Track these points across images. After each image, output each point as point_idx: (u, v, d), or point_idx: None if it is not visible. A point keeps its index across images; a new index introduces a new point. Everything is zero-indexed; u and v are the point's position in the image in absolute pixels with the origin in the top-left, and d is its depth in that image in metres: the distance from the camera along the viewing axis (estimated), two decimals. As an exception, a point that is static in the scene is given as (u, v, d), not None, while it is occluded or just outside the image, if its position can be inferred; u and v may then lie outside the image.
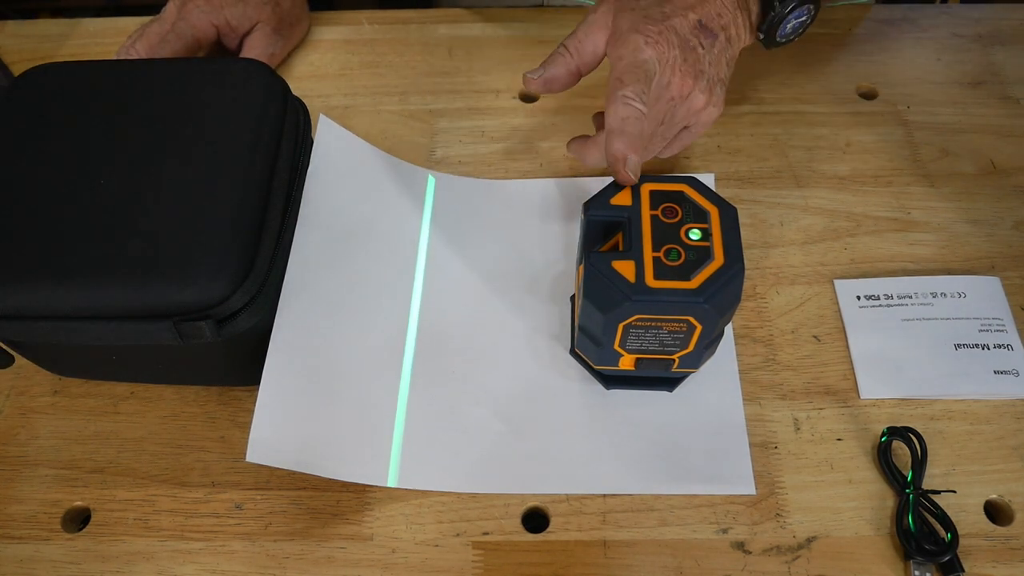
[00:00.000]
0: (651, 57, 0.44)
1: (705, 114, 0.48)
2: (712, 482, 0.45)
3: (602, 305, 0.40)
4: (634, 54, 0.44)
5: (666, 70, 0.45)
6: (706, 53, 0.46)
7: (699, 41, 0.46)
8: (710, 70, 0.46)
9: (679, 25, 0.45)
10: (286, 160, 0.47)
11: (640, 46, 0.44)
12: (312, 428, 0.43)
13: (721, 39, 0.47)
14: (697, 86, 0.46)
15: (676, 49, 0.45)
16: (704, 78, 0.46)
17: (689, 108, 0.47)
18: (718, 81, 0.47)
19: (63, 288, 0.40)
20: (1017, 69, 0.63)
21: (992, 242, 0.53)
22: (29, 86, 0.48)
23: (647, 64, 0.44)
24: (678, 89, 0.46)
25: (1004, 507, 0.44)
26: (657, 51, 0.44)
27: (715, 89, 0.47)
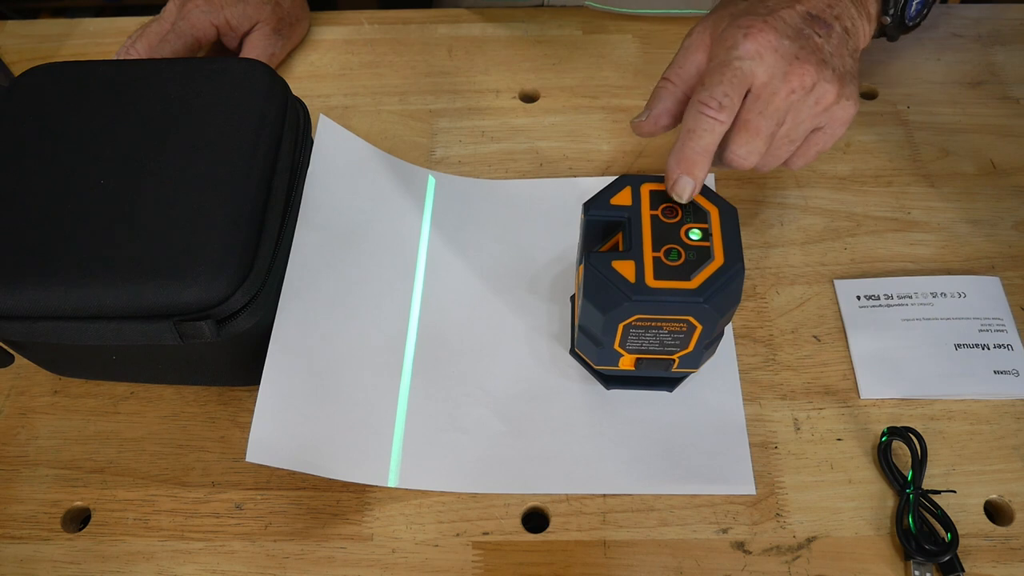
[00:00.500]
0: (750, 51, 0.40)
1: (839, 109, 0.42)
2: (712, 482, 0.45)
3: (602, 305, 0.40)
4: (728, 52, 0.40)
5: (779, 61, 0.40)
6: (824, 42, 0.41)
7: (814, 30, 0.41)
8: (834, 60, 0.42)
9: (787, 16, 0.41)
10: (286, 160, 0.47)
11: (737, 41, 0.40)
12: (312, 428, 0.43)
13: (837, 29, 0.42)
14: (822, 75, 0.41)
15: (787, 39, 0.40)
16: (829, 67, 0.41)
17: (817, 102, 0.42)
18: (846, 72, 0.42)
19: (63, 288, 0.40)
20: (1017, 69, 0.63)
21: (992, 242, 0.53)
22: (29, 86, 0.48)
23: (740, 62, 0.40)
24: (799, 79, 0.40)
25: (1004, 507, 0.44)
26: (759, 42, 0.40)
27: (846, 81, 0.42)
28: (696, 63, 0.44)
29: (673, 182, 0.40)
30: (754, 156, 0.42)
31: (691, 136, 0.40)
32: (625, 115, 0.61)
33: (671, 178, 0.41)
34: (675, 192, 0.40)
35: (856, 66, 0.44)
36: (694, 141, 0.40)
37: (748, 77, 0.40)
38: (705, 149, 0.40)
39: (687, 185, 0.40)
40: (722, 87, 0.40)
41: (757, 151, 0.42)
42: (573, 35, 0.66)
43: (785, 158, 0.45)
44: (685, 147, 0.41)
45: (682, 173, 0.40)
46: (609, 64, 0.64)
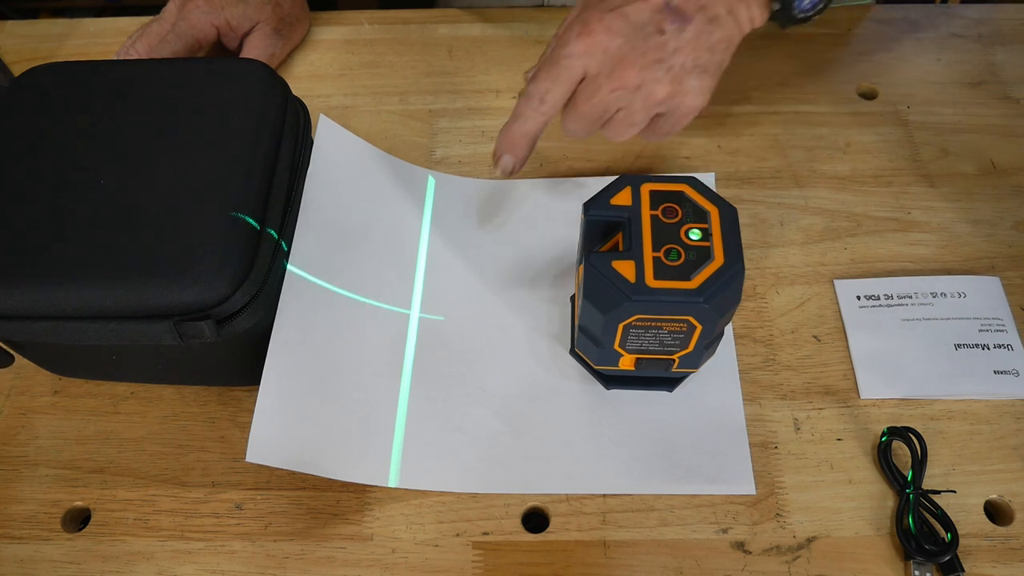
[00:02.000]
0: (578, 50, 0.43)
1: (675, 103, 0.45)
2: (712, 482, 0.45)
3: (602, 305, 0.40)
4: (559, 48, 0.44)
5: (607, 60, 0.43)
6: (670, 39, 0.43)
7: (661, 27, 0.43)
8: (675, 57, 0.43)
9: (635, 11, 0.43)
10: (286, 160, 0.47)
11: (570, 38, 0.43)
12: (312, 428, 0.43)
13: (698, 21, 0.43)
14: (649, 75, 0.43)
15: (620, 38, 0.43)
16: (662, 67, 0.43)
17: (647, 99, 0.44)
18: (693, 68, 0.44)
19: (63, 288, 0.40)
20: (1017, 69, 0.63)
21: (992, 242, 0.53)
22: (29, 86, 0.48)
23: (567, 59, 0.43)
24: (620, 80, 0.43)
25: (1004, 507, 0.44)
26: (588, 43, 0.43)
27: (685, 78, 0.44)
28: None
29: (497, 159, 0.46)
30: (582, 132, 0.46)
31: (515, 119, 0.46)
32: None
33: (495, 155, 0.46)
34: (498, 168, 0.46)
35: (720, 56, 0.45)
36: (517, 124, 0.45)
37: (575, 73, 0.44)
38: (526, 133, 0.45)
39: (508, 162, 0.46)
40: (546, 82, 0.44)
41: (584, 128, 0.46)
42: (573, 35, 0.66)
43: (631, 134, 0.47)
44: (510, 129, 0.46)
45: (504, 151, 0.46)
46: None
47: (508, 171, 0.46)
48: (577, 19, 0.44)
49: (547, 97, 0.44)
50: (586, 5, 0.44)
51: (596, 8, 0.43)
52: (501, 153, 0.46)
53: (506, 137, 0.46)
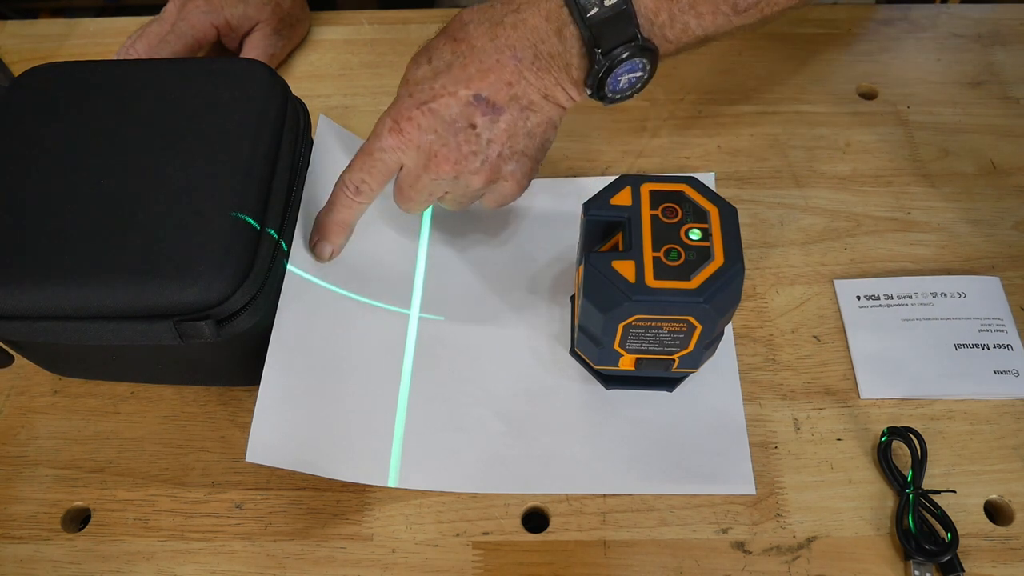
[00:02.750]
0: (392, 144, 0.43)
1: (496, 187, 0.46)
2: (712, 482, 0.45)
3: (602, 305, 0.40)
4: (374, 140, 0.44)
5: (420, 155, 0.43)
6: (483, 131, 0.43)
7: (472, 120, 0.42)
8: (490, 148, 0.43)
9: (443, 106, 0.42)
10: (286, 160, 0.46)
11: (383, 131, 0.43)
12: (312, 428, 0.43)
13: (511, 111, 0.42)
14: (465, 167, 0.43)
15: (431, 134, 0.43)
16: (477, 158, 0.43)
17: (467, 187, 0.45)
18: (511, 155, 0.44)
19: (63, 288, 0.40)
20: (1017, 69, 0.63)
21: (992, 242, 0.53)
22: (29, 86, 0.48)
23: (382, 153, 0.44)
24: (436, 172, 0.44)
25: (1004, 507, 0.44)
26: (402, 139, 0.43)
27: (503, 165, 0.44)
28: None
29: (313, 244, 0.47)
30: (414, 211, 0.47)
31: (331, 208, 0.46)
32: (625, 115, 0.61)
33: (312, 241, 0.47)
34: (315, 254, 0.47)
35: (540, 139, 0.45)
36: (334, 213, 0.46)
37: (391, 166, 0.44)
38: (342, 221, 0.46)
39: (325, 249, 0.47)
40: (360, 173, 0.45)
41: (416, 209, 0.47)
42: (573, 35, 0.66)
43: (466, 207, 0.48)
44: (326, 217, 0.46)
45: (320, 238, 0.47)
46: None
47: (325, 258, 0.47)
48: (389, 113, 0.44)
49: (362, 188, 0.45)
50: (397, 97, 0.44)
51: (405, 102, 0.43)
52: (317, 240, 0.47)
53: (322, 225, 0.46)
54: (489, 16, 0.42)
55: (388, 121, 0.43)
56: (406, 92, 0.43)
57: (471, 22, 0.43)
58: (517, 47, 0.41)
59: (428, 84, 0.43)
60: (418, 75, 0.43)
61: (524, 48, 0.41)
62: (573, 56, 0.42)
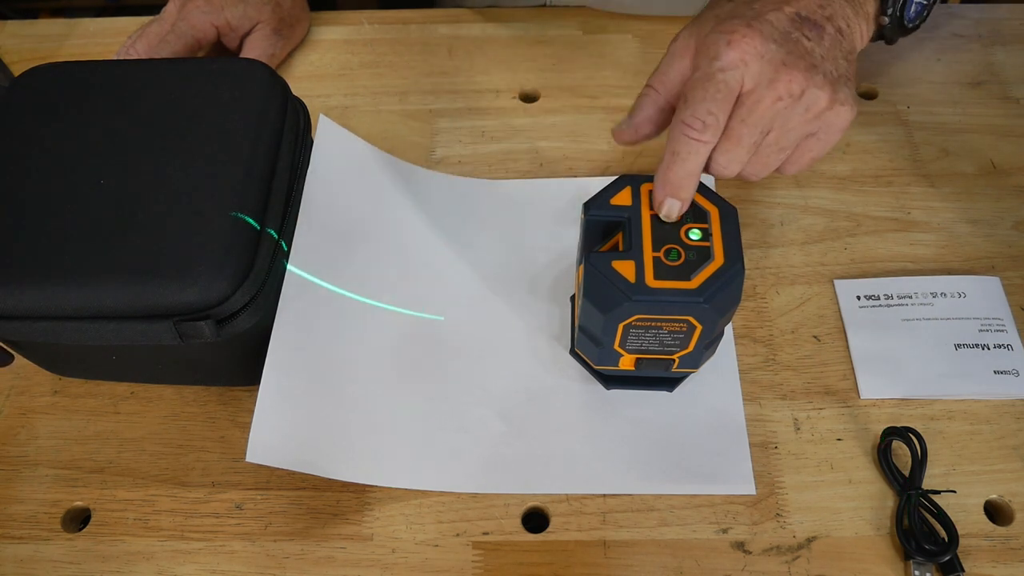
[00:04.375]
0: (733, 60, 0.38)
1: (832, 115, 0.41)
2: (712, 482, 0.45)
3: (602, 305, 0.40)
4: (710, 63, 0.39)
5: (765, 67, 0.39)
6: (815, 46, 0.40)
7: (803, 33, 0.40)
8: (825, 64, 0.40)
9: (774, 19, 0.40)
10: (286, 160, 0.47)
11: (720, 50, 0.39)
12: (312, 428, 0.43)
13: (830, 30, 0.41)
14: (812, 81, 0.39)
15: (773, 43, 0.39)
16: (819, 72, 0.40)
17: (808, 109, 0.40)
18: (839, 77, 0.41)
19: (63, 288, 0.40)
20: (1017, 69, 0.63)
21: (992, 242, 0.53)
22: (29, 86, 0.48)
23: (723, 73, 0.38)
24: (786, 87, 0.39)
25: (1004, 507, 0.44)
26: (743, 49, 0.38)
27: (839, 85, 0.40)
28: (680, 70, 0.42)
29: (659, 203, 0.40)
30: (735, 165, 0.41)
31: (675, 159, 0.40)
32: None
33: (657, 199, 0.40)
34: (662, 213, 0.40)
35: (852, 68, 0.42)
36: (679, 165, 0.39)
37: (733, 88, 0.39)
38: (690, 172, 0.40)
39: (674, 207, 0.40)
40: (705, 104, 0.39)
41: (738, 160, 0.41)
42: (573, 35, 0.66)
43: (775, 166, 0.43)
44: (671, 170, 0.40)
45: (668, 195, 0.40)
46: (609, 64, 0.64)
47: (675, 216, 0.40)
48: (717, 30, 0.40)
49: (709, 121, 0.39)
50: (717, 19, 0.41)
51: (738, 18, 0.40)
52: (664, 197, 0.40)
53: (668, 181, 0.40)
54: None
55: (721, 39, 0.39)
56: (726, 14, 0.40)
57: None
58: None
59: (747, 5, 0.40)
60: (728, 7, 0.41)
61: None
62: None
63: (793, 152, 0.42)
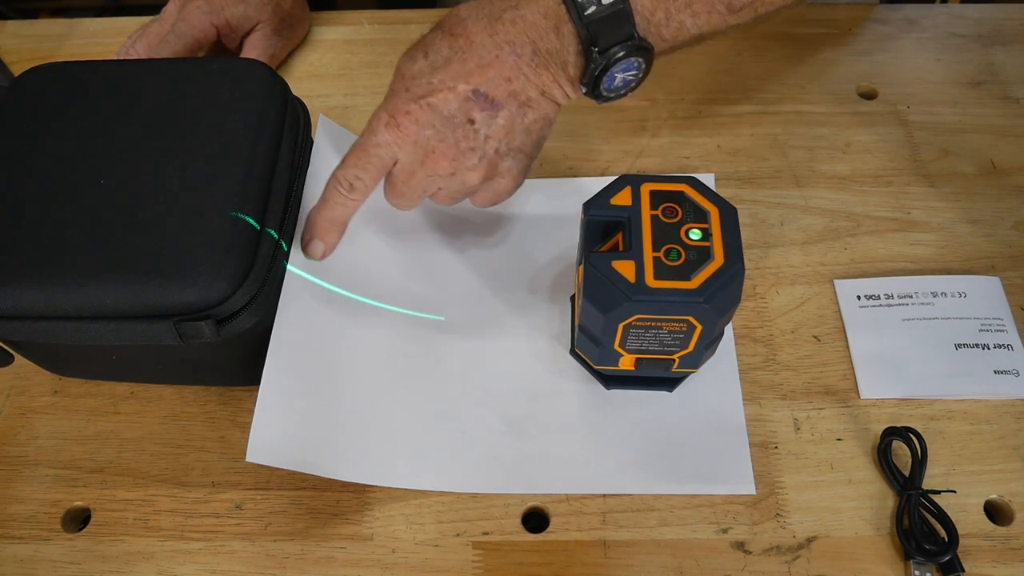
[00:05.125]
0: (387, 140, 0.43)
1: (490, 185, 0.46)
2: (712, 482, 0.45)
3: (602, 305, 0.40)
4: (370, 135, 0.43)
5: (417, 151, 0.43)
6: (481, 127, 0.42)
7: (471, 115, 0.42)
8: (488, 144, 0.43)
9: (441, 101, 0.42)
10: (286, 160, 0.46)
11: (378, 128, 0.43)
12: (312, 428, 0.43)
13: (509, 107, 0.42)
14: (461, 163, 0.43)
15: (429, 129, 0.42)
16: (475, 155, 0.43)
17: (463, 183, 0.45)
18: (508, 152, 0.44)
19: (63, 288, 0.40)
20: (1017, 69, 0.63)
21: (992, 242, 0.53)
22: (29, 86, 0.48)
23: (377, 148, 0.43)
24: (432, 168, 0.44)
25: (1004, 507, 0.44)
26: (398, 135, 0.42)
27: (500, 162, 0.44)
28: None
29: (306, 243, 0.46)
30: (405, 207, 0.47)
31: (325, 205, 0.45)
32: (625, 115, 0.61)
33: (304, 239, 0.46)
34: (307, 253, 0.46)
35: (536, 136, 0.45)
36: (327, 211, 0.45)
37: (386, 161, 0.43)
38: (336, 219, 0.45)
39: (318, 248, 0.46)
40: (355, 170, 0.44)
41: (407, 206, 0.47)
42: (573, 35, 0.66)
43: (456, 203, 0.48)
44: (319, 215, 0.45)
45: (314, 237, 0.45)
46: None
47: (318, 256, 0.46)
48: (384, 107, 0.43)
49: (356, 184, 0.44)
50: (393, 92, 0.43)
51: (402, 97, 0.42)
52: (310, 238, 0.46)
53: (315, 223, 0.45)
54: (487, 12, 0.42)
55: (384, 116, 0.43)
56: (402, 87, 0.43)
57: (468, 18, 0.43)
58: (516, 43, 0.41)
59: (425, 79, 0.42)
60: (414, 70, 0.43)
61: (523, 44, 0.41)
62: (570, 54, 0.42)
63: (473, 196, 0.47)
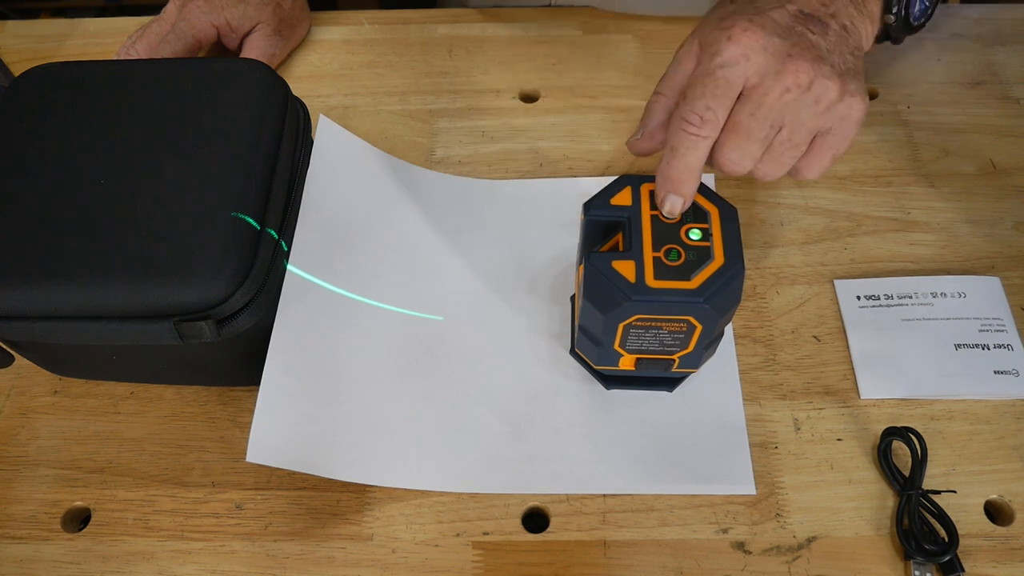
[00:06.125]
0: (735, 55, 0.38)
1: (844, 107, 0.39)
2: (712, 482, 0.45)
3: (602, 305, 0.40)
4: (711, 59, 0.38)
5: (770, 60, 0.38)
6: (820, 39, 0.39)
7: (807, 27, 0.39)
8: (832, 56, 0.39)
9: (777, 15, 0.39)
10: (286, 160, 0.47)
11: (721, 46, 0.38)
12: (312, 428, 0.43)
13: (834, 27, 0.40)
14: (819, 71, 0.38)
15: (777, 37, 0.38)
16: (827, 63, 0.39)
17: (817, 101, 0.39)
18: (848, 72, 0.40)
19: (63, 288, 0.40)
20: (1017, 69, 0.63)
21: (992, 242, 0.53)
22: (29, 86, 0.48)
23: (723, 69, 0.38)
24: (793, 77, 0.38)
25: (1004, 507, 0.44)
26: (745, 44, 0.38)
27: (848, 77, 0.39)
28: (686, 72, 0.42)
29: (661, 200, 0.40)
30: (747, 161, 0.40)
31: (674, 155, 0.39)
32: (625, 115, 0.61)
33: (659, 196, 0.40)
34: (665, 210, 0.40)
35: (859, 64, 0.42)
36: (677, 160, 0.39)
37: (735, 84, 0.39)
38: (689, 167, 0.39)
39: (676, 203, 0.40)
40: (703, 100, 0.38)
41: (750, 155, 0.40)
42: (573, 35, 0.66)
43: (790, 164, 0.42)
44: (670, 166, 0.40)
45: (669, 192, 0.40)
46: (609, 64, 0.64)
47: (677, 213, 0.40)
48: (719, 28, 0.39)
49: (707, 116, 0.38)
50: (721, 17, 0.40)
51: (732, 19, 0.39)
52: (665, 194, 0.40)
53: (668, 177, 0.40)
54: None
55: (722, 36, 0.38)
56: (727, 12, 0.40)
57: None
58: None
59: (749, 3, 0.40)
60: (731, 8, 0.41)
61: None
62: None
63: (810, 151, 0.41)
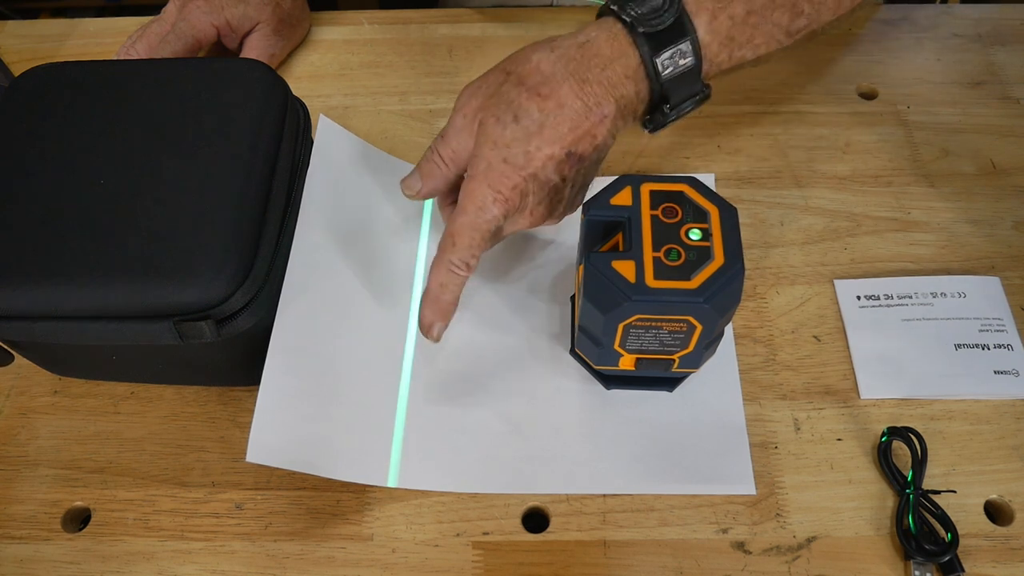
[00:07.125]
0: (496, 216, 0.43)
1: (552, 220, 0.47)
2: (712, 482, 0.45)
3: (602, 305, 0.40)
4: (477, 214, 0.42)
5: (519, 218, 0.44)
6: (571, 179, 0.44)
7: (563, 175, 0.43)
8: (570, 191, 0.45)
9: (542, 171, 0.42)
10: (286, 160, 0.47)
11: (487, 205, 0.42)
12: (312, 428, 0.43)
13: (592, 157, 0.44)
14: (549, 221, 0.46)
15: (531, 196, 0.43)
16: (562, 204, 0.46)
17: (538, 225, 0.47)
18: (580, 189, 0.46)
19: (63, 288, 0.40)
20: (1017, 69, 0.63)
21: (992, 242, 0.53)
22: (29, 86, 0.48)
23: (488, 224, 0.43)
24: (527, 224, 0.45)
25: (1004, 507, 0.44)
26: (507, 208, 0.43)
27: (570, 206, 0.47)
28: (466, 146, 0.44)
29: (428, 326, 0.44)
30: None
31: (443, 290, 0.44)
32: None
33: (424, 323, 0.44)
34: (430, 336, 0.44)
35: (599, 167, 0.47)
36: (448, 294, 0.44)
37: (493, 232, 0.43)
38: (454, 300, 0.44)
39: (440, 329, 0.45)
40: (470, 250, 0.43)
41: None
42: (573, 35, 0.66)
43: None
44: (437, 300, 0.44)
45: (437, 321, 0.44)
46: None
47: (439, 337, 0.45)
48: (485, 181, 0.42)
49: (472, 263, 0.44)
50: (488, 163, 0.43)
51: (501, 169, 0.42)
52: (431, 323, 0.44)
53: (440, 309, 0.44)
54: (574, 71, 0.42)
55: (489, 193, 0.42)
56: (498, 156, 0.42)
57: (554, 76, 0.42)
58: (603, 103, 0.43)
59: (522, 148, 0.42)
60: (507, 136, 0.42)
61: (608, 104, 0.43)
62: (641, 104, 0.45)
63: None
